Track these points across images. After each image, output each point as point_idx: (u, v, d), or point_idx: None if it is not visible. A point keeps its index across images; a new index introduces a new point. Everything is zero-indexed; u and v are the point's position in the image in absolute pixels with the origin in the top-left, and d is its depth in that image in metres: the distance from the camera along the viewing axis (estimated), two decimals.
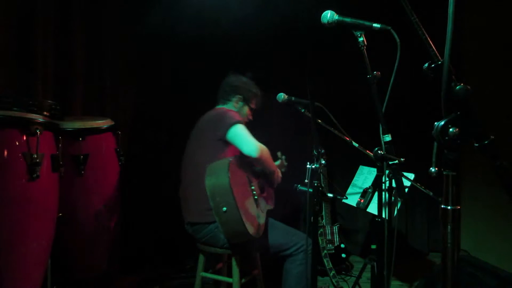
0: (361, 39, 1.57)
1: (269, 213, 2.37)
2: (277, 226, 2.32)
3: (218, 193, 2.01)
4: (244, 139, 2.16)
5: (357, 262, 3.41)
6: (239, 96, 2.46)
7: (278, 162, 2.70)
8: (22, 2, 2.35)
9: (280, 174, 2.48)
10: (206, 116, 2.37)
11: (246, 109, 2.50)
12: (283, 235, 2.27)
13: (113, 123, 2.44)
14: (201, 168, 2.16)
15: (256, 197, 2.22)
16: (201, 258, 2.34)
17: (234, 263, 2.20)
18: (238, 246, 2.18)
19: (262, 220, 2.20)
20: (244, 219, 1.99)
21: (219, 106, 2.49)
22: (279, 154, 2.78)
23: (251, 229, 2.02)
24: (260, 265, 2.45)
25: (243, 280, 2.25)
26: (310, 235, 1.96)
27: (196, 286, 2.34)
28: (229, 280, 2.26)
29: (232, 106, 2.46)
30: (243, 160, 2.22)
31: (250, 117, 2.55)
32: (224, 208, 1.98)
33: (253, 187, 2.24)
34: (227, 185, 1.99)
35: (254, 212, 2.15)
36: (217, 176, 2.05)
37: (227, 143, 2.21)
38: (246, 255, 2.31)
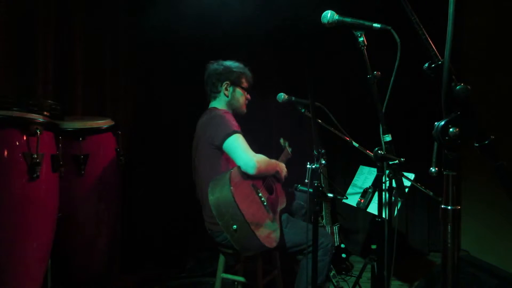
0: (361, 39, 1.57)
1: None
2: (292, 224, 2.25)
3: (225, 212, 1.92)
4: (240, 154, 2.08)
5: (357, 262, 3.41)
6: (226, 82, 2.36)
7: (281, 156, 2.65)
8: (22, 2, 2.35)
9: (284, 169, 2.41)
10: (202, 120, 2.31)
11: (239, 92, 2.39)
12: (299, 233, 2.18)
13: (113, 123, 2.43)
14: (204, 177, 2.16)
15: (265, 203, 2.14)
16: (221, 259, 2.32)
17: (258, 265, 2.19)
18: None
19: (277, 225, 2.13)
20: (257, 234, 1.90)
21: (212, 105, 2.41)
22: (281, 141, 2.71)
23: (267, 241, 1.94)
24: (279, 265, 2.45)
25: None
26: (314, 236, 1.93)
27: (216, 287, 2.32)
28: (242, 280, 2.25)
29: (223, 97, 2.38)
30: None
31: (248, 97, 2.46)
32: (235, 227, 1.90)
33: (260, 194, 2.15)
34: (233, 202, 1.90)
35: (267, 220, 2.08)
36: (220, 193, 1.96)
37: (225, 152, 2.16)
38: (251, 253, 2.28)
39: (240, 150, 2.09)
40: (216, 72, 2.38)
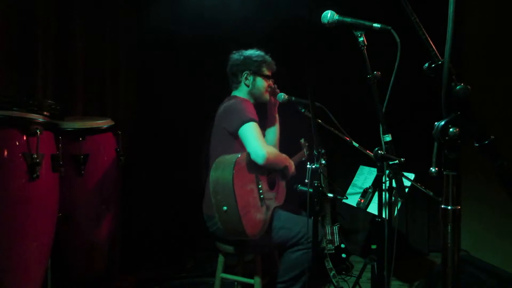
0: (361, 39, 1.57)
1: None
2: (281, 219, 2.26)
3: (220, 191, 1.99)
4: (252, 143, 2.11)
5: (357, 262, 3.40)
6: (246, 71, 2.40)
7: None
8: (23, 2, 2.35)
9: (293, 167, 2.44)
10: (223, 106, 2.34)
11: (260, 81, 2.42)
12: (287, 229, 2.20)
13: (113, 123, 2.43)
14: (213, 156, 2.20)
15: (262, 196, 2.18)
16: (221, 259, 2.33)
17: (257, 264, 2.21)
18: (243, 243, 2.18)
19: (265, 219, 2.16)
20: (244, 222, 1.96)
21: (234, 93, 2.46)
22: (302, 141, 2.75)
23: (250, 231, 2.00)
24: (278, 264, 2.45)
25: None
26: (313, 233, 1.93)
27: (215, 287, 2.34)
28: (250, 281, 2.24)
29: (244, 87, 2.42)
30: None
31: (272, 85, 2.48)
32: (225, 208, 1.97)
33: (260, 186, 2.19)
34: (230, 185, 1.96)
35: (257, 212, 2.11)
36: (222, 172, 2.02)
37: (239, 138, 2.19)
38: (249, 253, 2.30)
39: (253, 139, 2.12)
40: (236, 63, 2.42)
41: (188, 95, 3.39)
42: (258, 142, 2.11)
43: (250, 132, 2.13)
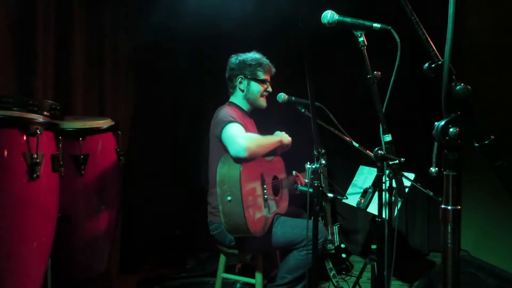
0: (361, 39, 1.57)
1: None
2: (284, 223, 2.26)
3: (226, 181, 2.02)
4: (231, 141, 2.07)
5: (357, 262, 3.41)
6: (240, 76, 2.37)
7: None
8: (23, 2, 2.35)
9: (285, 139, 2.39)
10: (215, 114, 2.35)
11: (255, 86, 2.39)
12: (291, 232, 2.20)
13: (113, 123, 2.43)
14: (212, 168, 2.22)
15: (266, 196, 2.20)
16: (222, 259, 2.34)
17: (258, 264, 2.22)
18: (242, 245, 2.18)
19: (266, 220, 2.17)
20: (246, 214, 1.98)
21: (230, 99, 2.47)
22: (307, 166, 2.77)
23: (251, 226, 2.01)
24: (279, 264, 2.46)
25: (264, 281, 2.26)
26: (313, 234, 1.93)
27: (216, 287, 2.35)
28: (252, 281, 2.25)
29: (239, 92, 2.42)
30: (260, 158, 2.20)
31: (268, 88, 2.45)
32: (229, 198, 1.99)
33: (265, 186, 2.22)
34: (237, 176, 2.00)
35: (260, 210, 2.13)
36: (229, 165, 2.06)
37: None
38: (251, 254, 2.31)
39: (230, 137, 2.09)
40: (231, 67, 2.40)
41: (188, 95, 3.39)
42: (235, 138, 2.06)
43: (227, 132, 2.11)
